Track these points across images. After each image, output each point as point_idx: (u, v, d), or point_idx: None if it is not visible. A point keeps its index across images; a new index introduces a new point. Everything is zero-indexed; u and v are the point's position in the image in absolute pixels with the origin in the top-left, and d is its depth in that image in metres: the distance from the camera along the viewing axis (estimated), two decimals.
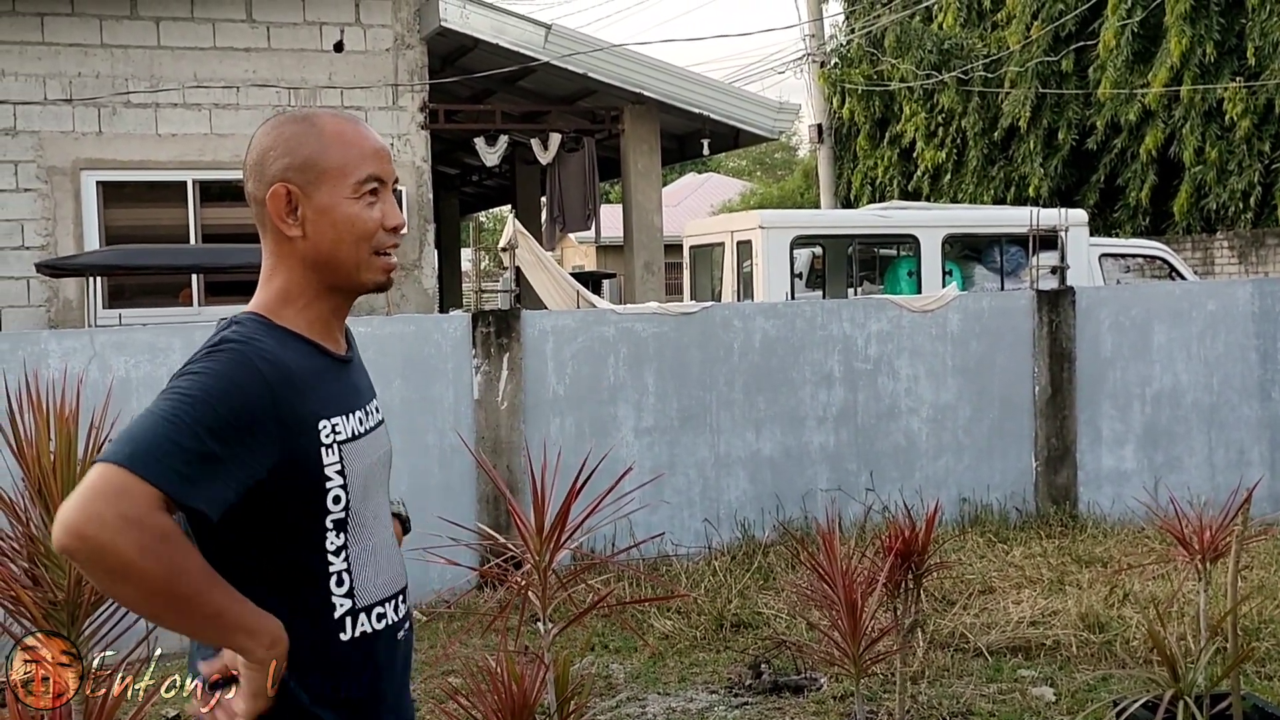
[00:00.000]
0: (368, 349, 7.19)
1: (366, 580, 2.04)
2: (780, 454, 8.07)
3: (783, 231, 11.50)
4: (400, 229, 2.10)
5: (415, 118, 11.48)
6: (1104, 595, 6.41)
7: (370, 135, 2.10)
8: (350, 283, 2.08)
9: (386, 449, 2.17)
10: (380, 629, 2.06)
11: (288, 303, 2.05)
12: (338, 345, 2.10)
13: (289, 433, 1.93)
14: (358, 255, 2.05)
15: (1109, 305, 8.69)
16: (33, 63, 10.41)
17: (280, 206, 2.03)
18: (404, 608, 2.14)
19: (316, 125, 2.07)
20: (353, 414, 2.05)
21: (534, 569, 2.91)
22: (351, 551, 2.02)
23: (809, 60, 20.65)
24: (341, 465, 1.99)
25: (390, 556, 2.11)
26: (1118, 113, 16.93)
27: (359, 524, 2.03)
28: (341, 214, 2.03)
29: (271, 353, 1.94)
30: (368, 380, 2.21)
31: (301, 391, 1.96)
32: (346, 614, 2.01)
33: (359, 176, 2.04)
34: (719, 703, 5.41)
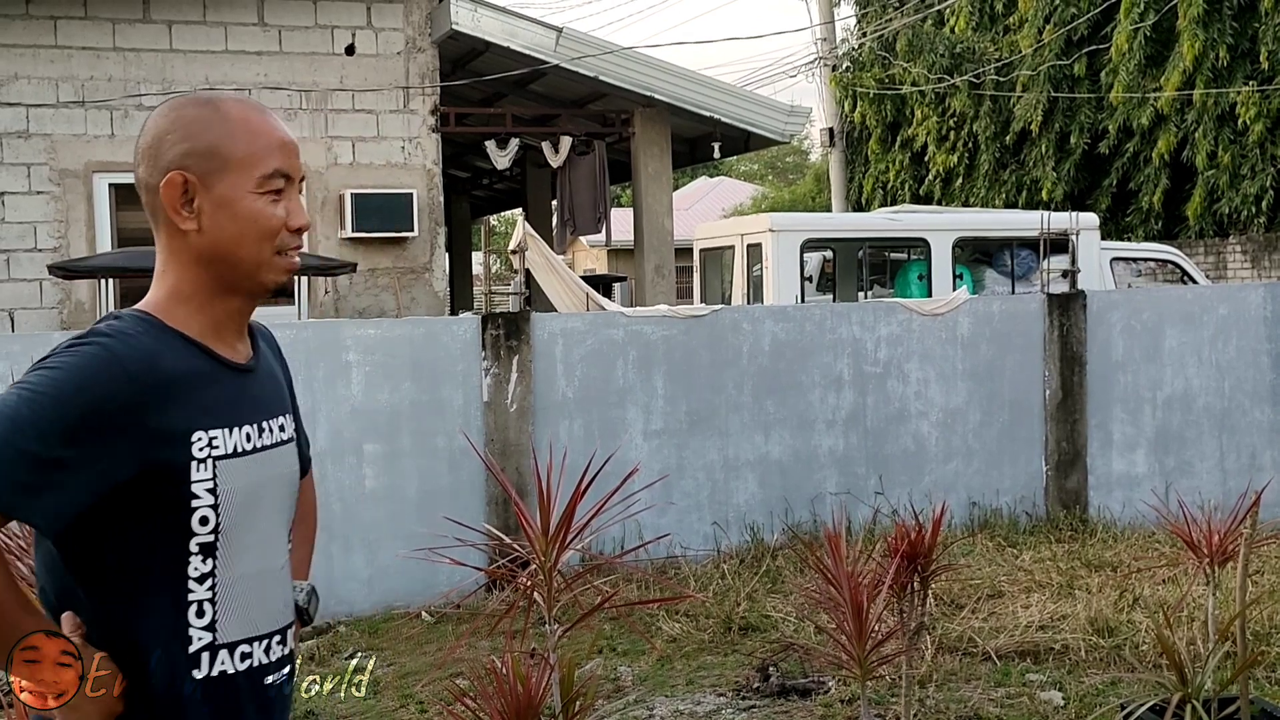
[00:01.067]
0: (377, 351, 7.23)
1: (233, 614, 1.85)
2: (789, 457, 8.06)
3: (793, 235, 11.50)
4: (305, 228, 1.96)
5: (426, 121, 11.50)
6: (1113, 600, 6.39)
7: (279, 126, 1.95)
8: (248, 283, 1.91)
9: (286, 470, 1.99)
10: (242, 670, 1.86)
11: (180, 302, 1.89)
12: (234, 351, 1.93)
13: (154, 441, 1.76)
14: (259, 254, 1.89)
15: (1120, 309, 8.67)
16: (45, 66, 10.46)
17: (175, 196, 1.86)
18: (280, 650, 1.93)
19: (221, 110, 1.91)
20: (239, 428, 1.87)
21: (540, 569, 2.91)
22: (219, 580, 1.83)
23: (820, 64, 20.64)
24: (214, 483, 1.81)
25: (272, 591, 1.92)
26: (1130, 116, 16.89)
27: (232, 551, 1.84)
28: (243, 209, 1.87)
29: (145, 352, 1.79)
30: (280, 393, 2.04)
31: (176, 398, 1.80)
32: (204, 649, 1.82)
33: (265, 170, 1.88)
34: (726, 705, 5.40)
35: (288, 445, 2.00)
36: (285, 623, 1.96)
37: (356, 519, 7.24)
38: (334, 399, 7.21)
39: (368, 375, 7.27)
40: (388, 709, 5.52)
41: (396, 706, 5.55)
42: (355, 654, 6.45)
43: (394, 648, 6.50)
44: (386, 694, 5.72)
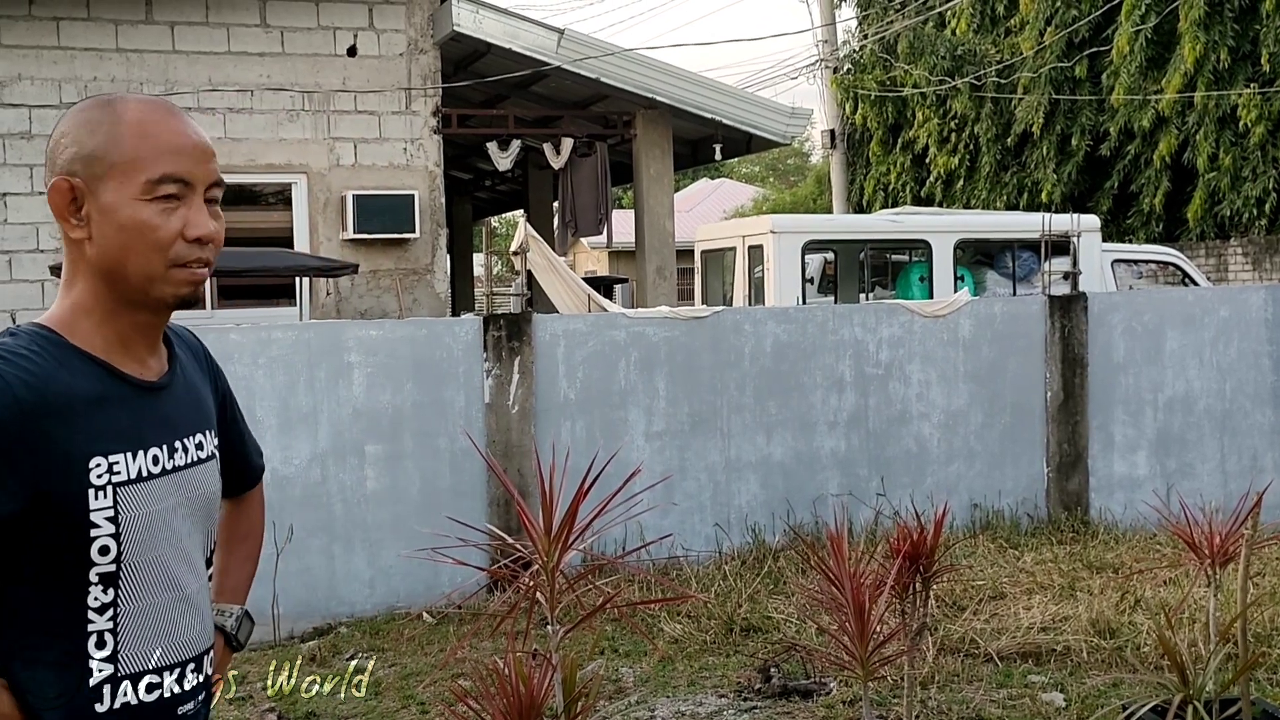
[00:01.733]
0: (379, 352, 7.24)
1: (137, 644, 1.76)
2: (791, 459, 8.07)
3: (794, 236, 11.50)
4: (207, 240, 1.78)
5: (428, 122, 11.52)
6: (1115, 601, 6.39)
7: (181, 128, 1.79)
8: (144, 298, 1.78)
9: (202, 491, 1.89)
10: (149, 701, 1.77)
11: (82, 315, 1.77)
12: (143, 368, 1.82)
13: (45, 468, 1.66)
14: (149, 267, 1.75)
15: (1121, 311, 8.67)
16: (48, 67, 10.47)
17: (61, 204, 1.76)
18: (194, 678, 1.85)
19: (115, 112, 1.77)
20: (146, 451, 1.77)
21: (543, 569, 2.92)
22: (122, 610, 1.74)
23: (822, 66, 20.66)
24: (115, 511, 1.71)
25: (183, 618, 1.82)
26: (1131, 119, 16.89)
27: (136, 579, 1.75)
28: (127, 216, 1.74)
29: (36, 373, 1.67)
30: (200, 408, 1.93)
31: (71, 423, 1.69)
32: (105, 681, 1.73)
33: (151, 175, 1.74)
34: (728, 707, 5.41)
35: (206, 464, 1.91)
36: (200, 650, 1.87)
37: (358, 520, 7.25)
38: (336, 400, 7.21)
39: (370, 376, 7.28)
40: (389, 710, 5.52)
41: (398, 707, 5.55)
42: (356, 655, 6.45)
43: (396, 648, 6.50)
44: (388, 695, 5.72)
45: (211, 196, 1.82)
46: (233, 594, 2.16)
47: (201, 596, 1.89)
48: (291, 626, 6.92)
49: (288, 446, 7.13)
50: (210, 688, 1.94)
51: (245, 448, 2.19)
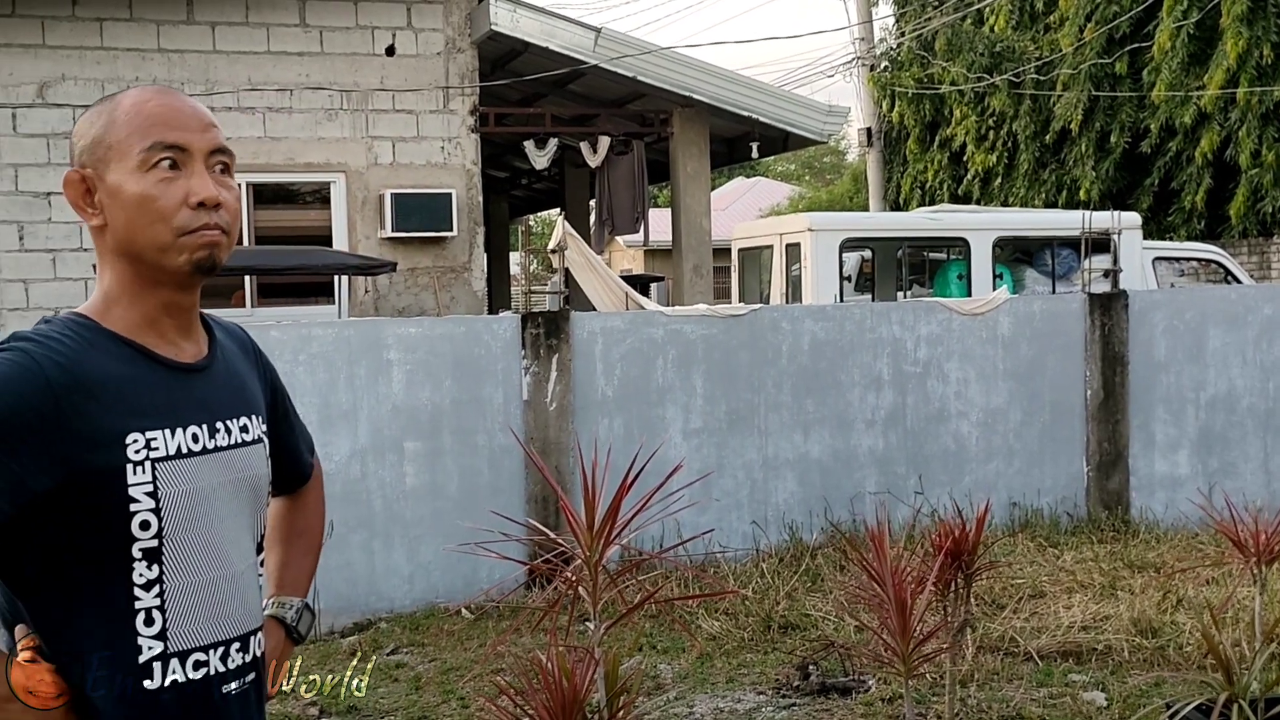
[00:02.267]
0: (418, 349, 7.28)
1: (185, 622, 1.78)
2: (829, 456, 8.05)
3: (832, 234, 11.48)
4: (211, 204, 1.80)
5: (465, 121, 11.56)
6: (1157, 600, 6.35)
7: (174, 103, 1.84)
8: (159, 271, 1.81)
9: (247, 473, 1.90)
10: (197, 679, 1.79)
11: (112, 302, 1.82)
12: (177, 350, 1.86)
13: (82, 445, 1.70)
14: (156, 237, 1.78)
15: (1162, 309, 8.60)
16: (91, 67, 10.59)
17: (75, 194, 1.83)
18: (240, 657, 1.86)
19: (116, 101, 1.85)
20: (185, 429, 1.80)
21: (584, 564, 2.93)
22: (168, 586, 1.76)
23: (858, 64, 20.58)
24: (154, 486, 1.74)
25: (230, 597, 1.84)
26: (1173, 115, 16.73)
27: (180, 556, 1.77)
28: (130, 193, 1.78)
29: (69, 356, 1.72)
30: (244, 394, 1.96)
31: (105, 401, 1.72)
32: (155, 658, 1.76)
33: (143, 145, 1.78)
34: (766, 704, 5.41)
35: (252, 447, 1.92)
36: (246, 630, 1.88)
37: (398, 516, 7.29)
38: (375, 397, 7.26)
39: (409, 373, 7.32)
40: (430, 704, 5.56)
41: (439, 702, 5.58)
42: (396, 649, 6.50)
43: (435, 643, 6.54)
44: (428, 689, 5.76)
45: (217, 164, 1.85)
46: (293, 587, 2.17)
47: (248, 577, 1.90)
48: (332, 621, 6.98)
49: (328, 443, 7.17)
50: (260, 670, 1.94)
51: (296, 442, 2.20)
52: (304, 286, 11.44)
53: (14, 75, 10.40)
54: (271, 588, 2.14)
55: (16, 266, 10.45)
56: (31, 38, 10.45)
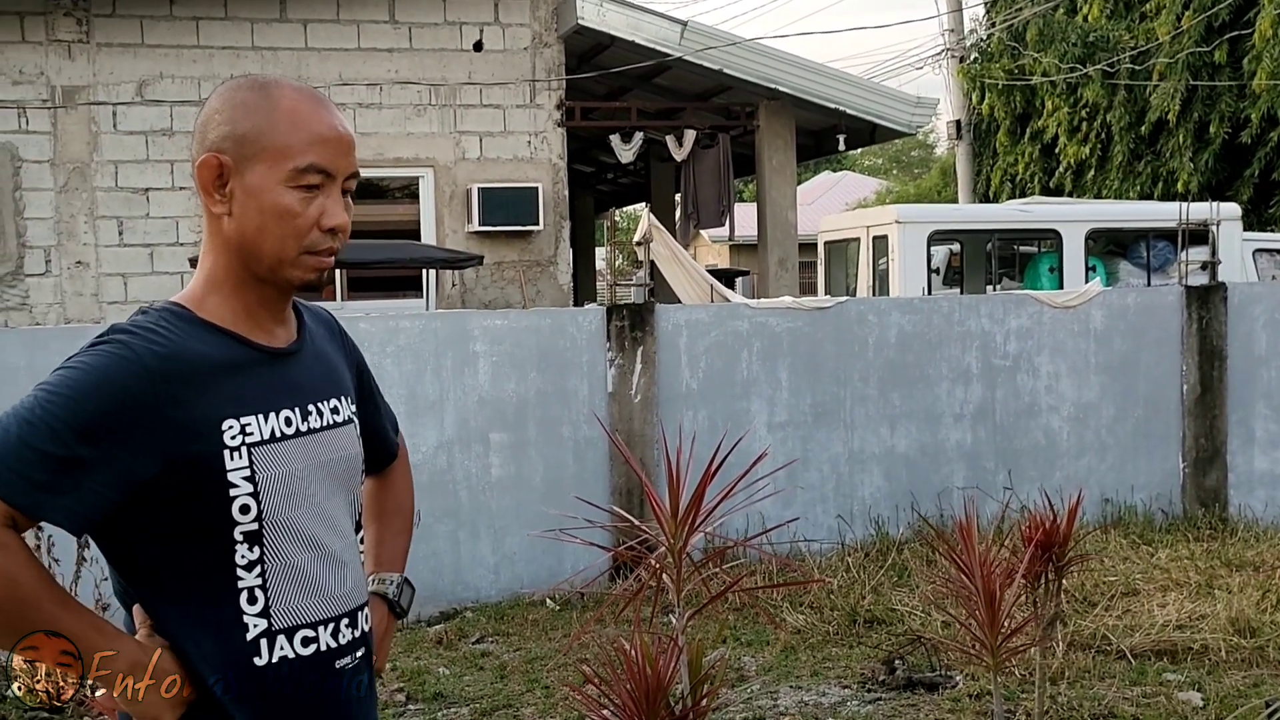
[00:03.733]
0: (504, 341, 7.33)
1: (290, 600, 1.83)
2: (915, 451, 7.96)
3: (919, 227, 11.35)
4: (340, 231, 1.86)
5: (552, 115, 11.62)
6: (1256, 599, 6.18)
7: (329, 120, 1.86)
8: (272, 276, 1.86)
9: (341, 454, 1.94)
10: (307, 655, 1.84)
11: (213, 289, 1.87)
12: (271, 336, 1.90)
13: (181, 433, 1.74)
14: (283, 250, 1.83)
15: (1263, 302, 8.38)
16: (188, 65, 10.81)
17: (209, 178, 1.83)
18: (350, 633, 1.91)
19: (272, 97, 1.85)
20: (278, 413, 1.84)
21: (669, 551, 2.93)
22: (269, 566, 1.81)
23: (947, 55, 20.31)
24: (251, 471, 1.79)
25: (333, 574, 1.89)
26: (1274, 105, 16.27)
27: (280, 537, 1.82)
28: (270, 200, 1.82)
29: (168, 345, 1.76)
30: (333, 375, 2.00)
31: (202, 388, 1.77)
32: (261, 635, 1.81)
33: (299, 164, 1.81)
34: (851, 698, 5.36)
35: (344, 428, 1.97)
36: (353, 605, 1.92)
37: (483, 507, 7.35)
38: (462, 388, 7.32)
39: (495, 365, 7.37)
40: (515, 692, 5.60)
41: (523, 690, 5.62)
42: (481, 639, 6.55)
43: (520, 633, 6.59)
44: (513, 678, 5.80)
45: (347, 188, 1.89)
46: (390, 564, 2.22)
47: (349, 554, 1.94)
48: (419, 610, 7.05)
49: (415, 434, 7.25)
50: (370, 645, 1.99)
51: (382, 422, 2.23)
52: (392, 280, 11.58)
53: (114, 74, 10.66)
54: (370, 565, 2.18)
55: (116, 261, 10.71)
56: (131, 37, 10.70)
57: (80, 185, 10.64)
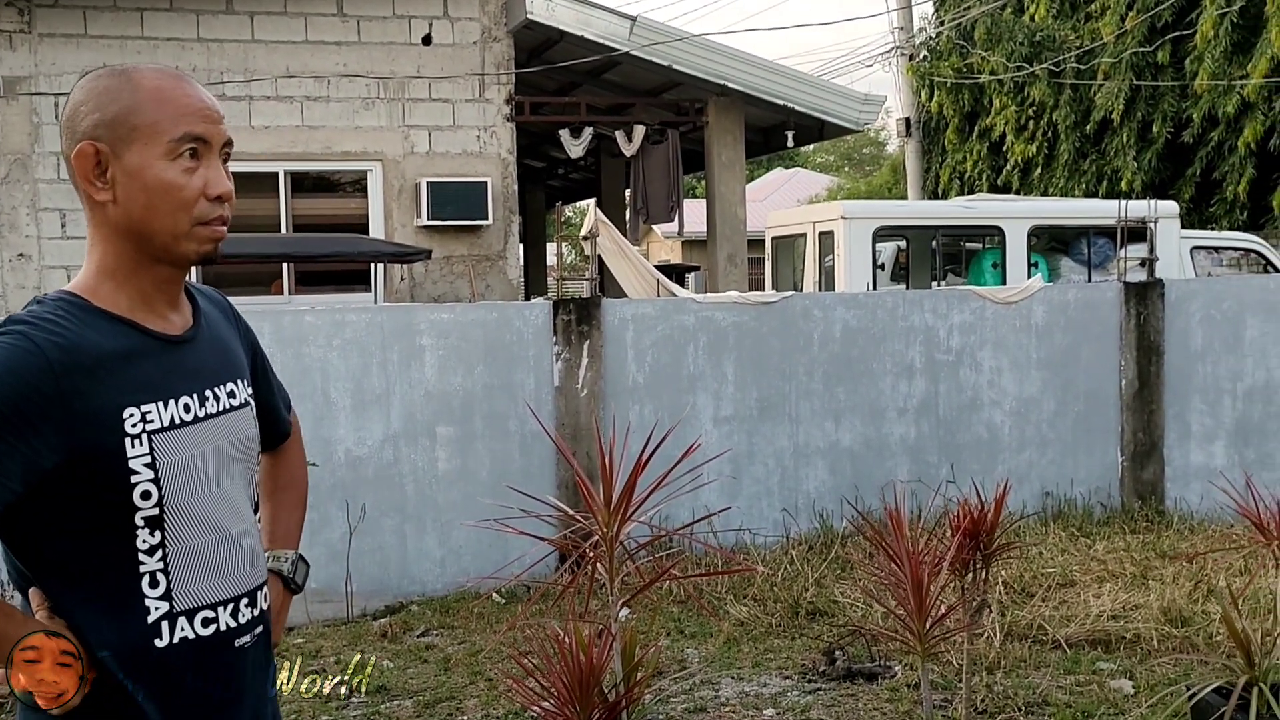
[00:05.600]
0: (450, 335, 7.34)
1: (191, 582, 1.87)
2: (860, 445, 8.05)
3: (865, 222, 11.44)
4: (226, 198, 1.90)
5: (501, 110, 11.61)
6: (1188, 589, 6.31)
7: (195, 92, 1.90)
8: (169, 254, 1.88)
9: (237, 436, 1.98)
10: (207, 635, 1.88)
11: (105, 277, 1.88)
12: (166, 323, 1.92)
13: (81, 423, 1.76)
14: (175, 225, 1.86)
15: (1199, 298, 8.53)
16: (132, 56, 10.70)
17: (87, 167, 1.85)
18: (249, 612, 1.95)
19: (133, 80, 1.87)
20: (177, 400, 1.87)
21: (602, 540, 2.96)
22: (170, 550, 1.85)
23: (897, 53, 20.47)
24: (152, 457, 1.82)
25: (233, 556, 1.93)
26: (1215, 105, 16.53)
27: (181, 521, 1.86)
28: (153, 176, 1.84)
29: (67, 336, 1.78)
30: (229, 360, 2.04)
31: (101, 379, 1.79)
32: (163, 618, 1.84)
33: (174, 135, 1.84)
34: (792, 688, 5.42)
35: (241, 410, 2.01)
36: (251, 586, 1.97)
37: (429, 500, 7.36)
38: (408, 382, 7.33)
39: (441, 359, 7.38)
40: (458, 685, 5.61)
41: (466, 683, 5.64)
42: (426, 631, 6.56)
43: (465, 626, 6.60)
44: (457, 670, 5.81)
45: (225, 155, 1.94)
46: (284, 540, 2.27)
47: (248, 536, 1.99)
48: (364, 604, 7.06)
49: (361, 427, 7.25)
50: (268, 622, 2.03)
51: (276, 401, 2.28)
52: (341, 274, 11.54)
53: (56, 64, 10.55)
54: (266, 542, 2.22)
55: (59, 253, 10.60)
56: (74, 28, 10.58)
57: (21, 177, 10.52)
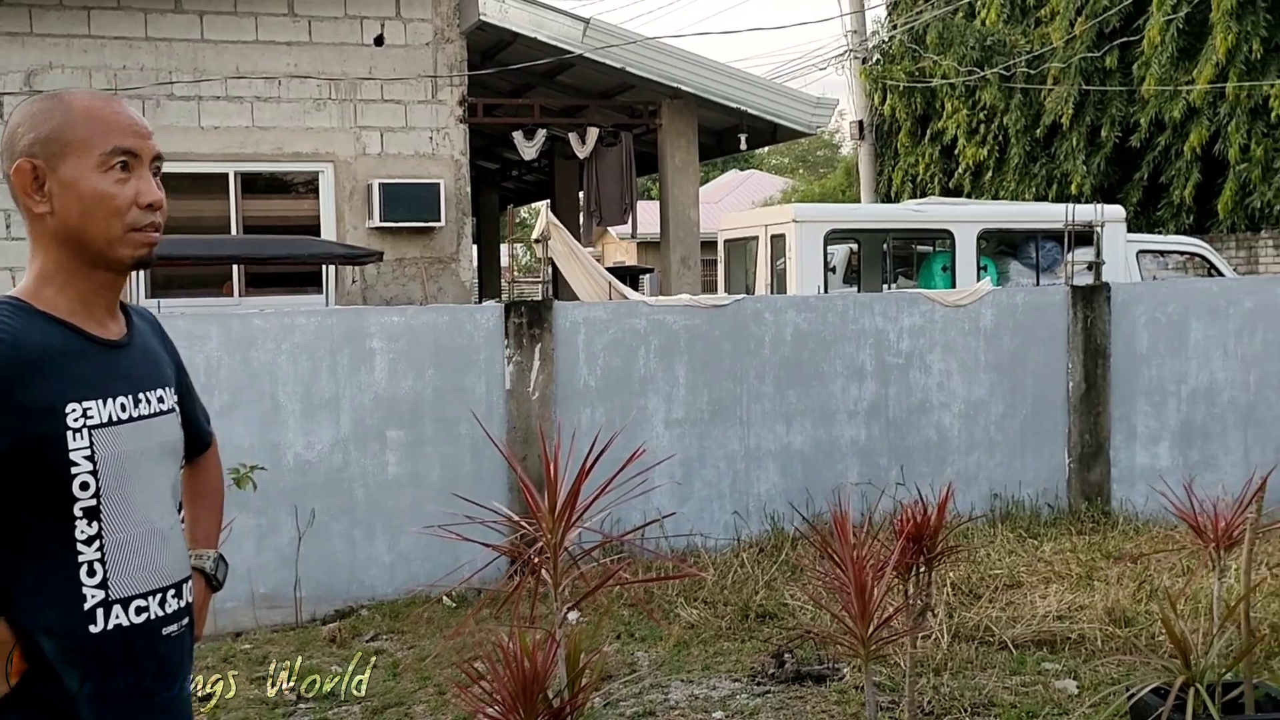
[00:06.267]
0: (401, 338, 7.30)
1: (124, 572, 1.99)
2: (811, 447, 8.08)
3: (816, 226, 11.51)
4: (157, 206, 2.04)
5: (454, 111, 11.57)
6: (1132, 590, 6.39)
7: (124, 111, 2.06)
8: (105, 260, 2.03)
9: (165, 439, 2.12)
10: (139, 623, 2.00)
11: (45, 283, 2.01)
12: (103, 328, 2.06)
13: (25, 417, 1.89)
14: (109, 231, 2.00)
15: (1145, 301, 8.63)
16: (79, 55, 10.59)
17: (25, 182, 2.00)
18: (175, 603, 2.08)
19: (65, 101, 2.04)
20: (114, 399, 2.00)
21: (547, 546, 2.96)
22: (106, 541, 1.97)
23: (850, 56, 20.59)
24: (91, 451, 1.94)
25: (161, 549, 2.06)
26: (1162, 110, 16.77)
27: (116, 513, 1.98)
28: (87, 187, 1.99)
29: (10, 332, 1.90)
30: (159, 369, 2.17)
31: (46, 375, 1.92)
32: (98, 605, 1.96)
33: (105, 149, 2.00)
34: (741, 691, 5.44)
35: (168, 415, 2.14)
36: (178, 578, 2.10)
37: (379, 505, 7.32)
38: (358, 386, 7.28)
39: (392, 362, 7.34)
40: (406, 690, 5.59)
41: (415, 688, 5.61)
42: (375, 636, 6.53)
43: (414, 631, 6.57)
44: (406, 676, 5.79)
45: (155, 169, 2.09)
46: (206, 541, 2.41)
47: (174, 532, 2.13)
48: (313, 609, 7.01)
49: (310, 432, 7.20)
50: (192, 615, 2.17)
51: (197, 414, 2.41)
52: (292, 276, 11.46)
53: (1, 63, 10.41)
54: (189, 542, 2.34)
55: (3, 255, 10.46)
56: (19, 26, 10.45)
57: None
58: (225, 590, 2.37)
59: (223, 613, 6.84)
